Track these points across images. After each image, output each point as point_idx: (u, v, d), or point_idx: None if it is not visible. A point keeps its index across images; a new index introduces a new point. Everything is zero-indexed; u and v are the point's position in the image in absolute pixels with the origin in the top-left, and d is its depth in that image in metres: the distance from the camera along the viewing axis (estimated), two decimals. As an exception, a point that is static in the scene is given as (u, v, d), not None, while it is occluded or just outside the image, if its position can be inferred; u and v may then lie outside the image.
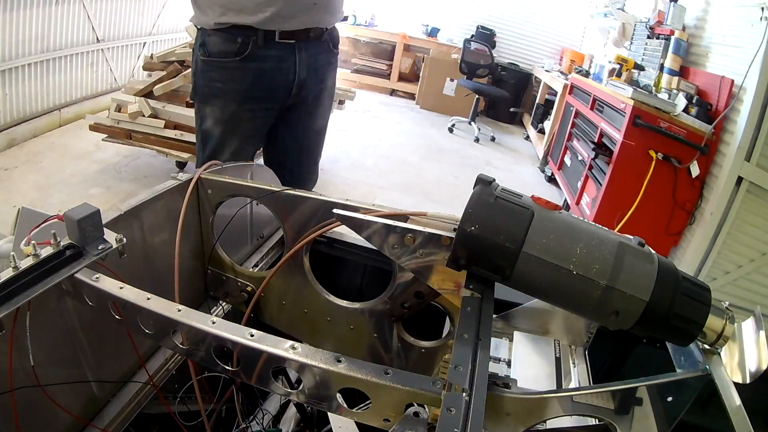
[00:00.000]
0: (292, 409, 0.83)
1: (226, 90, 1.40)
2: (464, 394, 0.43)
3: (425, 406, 0.46)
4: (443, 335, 0.88)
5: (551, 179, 4.19)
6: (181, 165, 2.83)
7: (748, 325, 0.55)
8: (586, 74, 4.14)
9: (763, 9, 2.27)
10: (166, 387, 0.82)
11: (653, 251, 0.52)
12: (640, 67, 3.38)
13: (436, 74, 5.71)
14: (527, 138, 5.51)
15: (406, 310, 0.85)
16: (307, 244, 0.85)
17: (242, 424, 0.77)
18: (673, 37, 3.09)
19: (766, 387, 0.61)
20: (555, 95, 4.66)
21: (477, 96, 5.11)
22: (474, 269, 0.55)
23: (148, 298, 0.53)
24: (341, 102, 3.60)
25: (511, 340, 0.86)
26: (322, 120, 1.65)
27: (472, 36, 5.81)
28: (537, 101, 5.45)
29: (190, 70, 2.52)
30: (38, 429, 0.63)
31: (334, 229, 0.96)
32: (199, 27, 1.38)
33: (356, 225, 0.71)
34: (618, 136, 2.69)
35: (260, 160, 1.63)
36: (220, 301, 0.98)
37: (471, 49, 4.97)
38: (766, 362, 0.50)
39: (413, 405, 0.46)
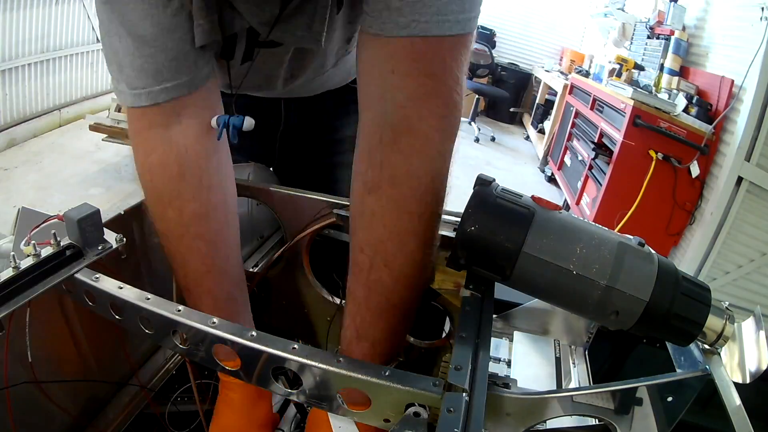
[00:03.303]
0: (292, 410, 0.83)
1: None
2: (464, 394, 0.43)
3: (425, 406, 0.46)
4: (443, 335, 0.88)
5: (551, 179, 4.19)
6: (181, 165, 2.83)
7: (748, 325, 0.55)
8: (586, 74, 4.15)
9: (763, 9, 2.27)
10: (167, 387, 0.83)
11: (653, 251, 0.52)
12: (640, 67, 3.38)
13: (436, 74, 5.72)
14: (527, 138, 5.51)
15: (406, 310, 0.85)
16: (308, 244, 0.85)
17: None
18: (673, 37, 3.09)
19: (766, 387, 0.61)
20: (555, 95, 4.66)
21: (477, 96, 5.11)
22: (474, 269, 0.55)
23: (148, 298, 0.53)
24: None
25: (511, 340, 0.85)
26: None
27: (472, 36, 5.82)
28: (537, 101, 5.45)
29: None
30: (38, 429, 0.63)
31: (333, 230, 0.96)
32: None
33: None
34: (618, 136, 2.69)
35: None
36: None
37: (471, 49, 4.97)
38: (766, 362, 0.50)
39: (413, 405, 0.46)
